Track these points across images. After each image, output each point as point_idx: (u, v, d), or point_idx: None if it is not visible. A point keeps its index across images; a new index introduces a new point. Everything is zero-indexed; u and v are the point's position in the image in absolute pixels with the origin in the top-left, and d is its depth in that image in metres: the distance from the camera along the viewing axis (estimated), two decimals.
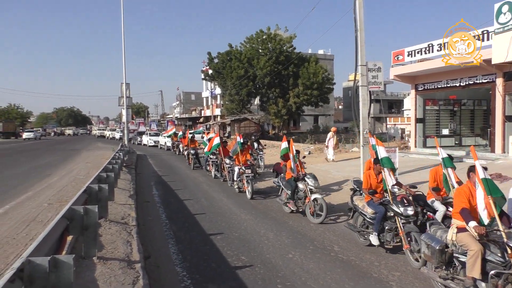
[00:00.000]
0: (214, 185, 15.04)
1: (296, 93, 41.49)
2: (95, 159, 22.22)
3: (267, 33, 42.96)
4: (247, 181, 12.41)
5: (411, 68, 18.94)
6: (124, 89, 29.37)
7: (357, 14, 12.97)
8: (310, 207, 9.36)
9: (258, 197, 12.39)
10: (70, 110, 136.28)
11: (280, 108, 42.14)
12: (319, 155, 23.15)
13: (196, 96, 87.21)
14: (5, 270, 5.21)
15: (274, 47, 41.54)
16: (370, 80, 13.25)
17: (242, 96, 43.13)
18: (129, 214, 8.89)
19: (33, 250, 3.72)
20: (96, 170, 12.89)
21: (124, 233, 7.21)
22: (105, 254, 5.92)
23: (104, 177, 9.30)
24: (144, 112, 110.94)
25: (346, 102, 75.97)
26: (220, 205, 11.31)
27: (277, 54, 40.91)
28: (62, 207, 8.48)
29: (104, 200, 7.52)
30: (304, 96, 40.99)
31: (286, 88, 42.66)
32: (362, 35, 13.02)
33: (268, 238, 8.03)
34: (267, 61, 40.35)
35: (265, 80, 40.86)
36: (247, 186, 12.34)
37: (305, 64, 41.88)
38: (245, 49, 43.88)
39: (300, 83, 41.16)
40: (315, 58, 43.67)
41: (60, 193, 11.40)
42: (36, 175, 16.09)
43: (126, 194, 11.48)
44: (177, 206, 11.21)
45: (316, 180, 9.75)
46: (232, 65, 42.50)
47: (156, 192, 13.62)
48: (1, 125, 65.21)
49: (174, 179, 16.63)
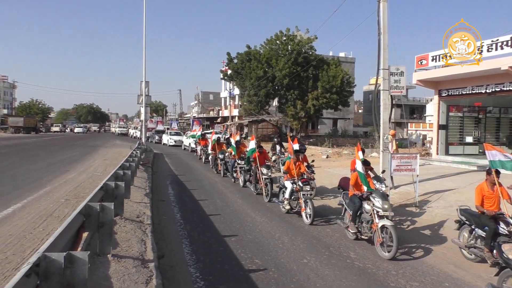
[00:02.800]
0: (230, 186, 15.05)
1: (315, 95, 41.23)
2: (113, 156, 22.51)
3: (287, 34, 42.87)
4: (305, 200, 9.78)
5: (434, 73, 18.61)
6: (143, 87, 29.64)
7: (381, 17, 12.82)
8: (377, 237, 7.49)
9: (318, 220, 9.87)
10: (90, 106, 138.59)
11: (299, 110, 41.94)
12: (337, 159, 22.96)
13: (214, 96, 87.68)
14: (21, 264, 5.31)
15: (293, 49, 41.42)
16: (392, 84, 13.08)
17: (260, 97, 43.08)
18: (144, 213, 8.96)
19: (49, 245, 3.77)
20: (113, 167, 13.05)
21: (138, 232, 7.26)
22: (119, 252, 5.98)
23: (121, 174, 9.40)
24: (162, 111, 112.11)
25: (366, 106, 75.21)
26: (235, 207, 11.31)
27: (296, 55, 40.78)
28: (79, 203, 8.61)
29: (120, 198, 7.60)
30: (323, 99, 40.71)
31: (305, 90, 42.45)
32: (386, 39, 12.86)
33: (283, 242, 7.99)
34: (286, 62, 40.25)
35: (284, 82, 40.74)
36: (304, 207, 9.74)
37: (325, 66, 41.63)
38: (264, 50, 43.88)
39: (320, 85, 40.91)
40: (336, 60, 43.36)
41: (78, 189, 11.57)
42: (54, 170, 16.39)
43: (142, 192, 11.58)
44: (192, 206, 11.26)
45: (386, 199, 7.79)
46: (251, 65, 42.54)
47: (171, 191, 13.72)
48: (22, 120, 66.11)
49: (189, 178, 16.72)
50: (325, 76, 40.45)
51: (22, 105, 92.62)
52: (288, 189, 10.39)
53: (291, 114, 42.46)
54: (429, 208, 10.59)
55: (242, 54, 45.15)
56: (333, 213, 10.48)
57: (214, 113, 76.83)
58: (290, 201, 10.41)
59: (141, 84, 29.88)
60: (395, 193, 12.04)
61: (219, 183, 15.72)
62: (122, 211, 7.92)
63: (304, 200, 9.83)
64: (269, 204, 11.77)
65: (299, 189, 10.01)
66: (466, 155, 19.51)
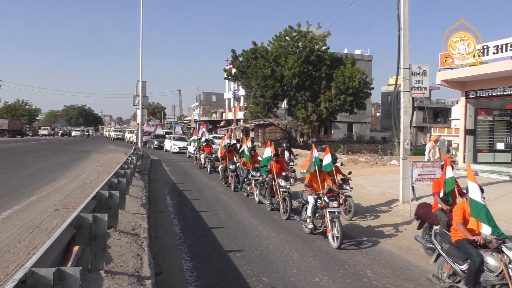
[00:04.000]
0: (234, 196, 15.06)
1: (328, 97, 41.23)
2: (106, 163, 22.63)
3: (297, 30, 42.96)
4: (332, 219, 8.97)
5: (461, 73, 18.51)
6: (140, 87, 29.76)
7: (401, 11, 12.81)
8: None
9: (347, 243, 9.16)
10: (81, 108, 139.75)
11: (310, 113, 41.95)
12: (353, 167, 22.89)
13: (217, 97, 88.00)
14: (5, 281, 5.33)
15: (304, 46, 41.48)
16: (414, 85, 13.04)
17: (267, 99, 43.15)
18: (140, 225, 8.98)
19: (37, 260, 3.78)
20: (107, 174, 13.09)
21: (134, 246, 7.28)
22: (113, 268, 5.99)
23: (115, 182, 9.43)
24: (161, 113, 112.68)
25: (384, 108, 75.03)
26: (240, 219, 11.31)
27: (307, 53, 40.83)
28: (69, 213, 8.65)
29: (114, 208, 7.62)
30: (337, 101, 40.68)
31: (317, 92, 42.47)
32: (406, 35, 12.84)
33: (293, 258, 7.96)
34: (296, 60, 40.30)
35: (294, 82, 40.78)
36: (330, 228, 8.96)
37: (340, 66, 41.63)
38: (272, 47, 44.00)
39: (334, 86, 40.91)
40: (351, 59, 43.36)
41: (68, 199, 11.63)
42: (42, 178, 16.49)
43: (138, 202, 11.62)
44: (193, 218, 11.27)
45: None
46: (258, 64, 42.65)
47: (170, 201, 13.76)
48: (7, 122, 65.83)
49: (190, 187, 16.75)
50: (339, 75, 40.45)
51: (6, 106, 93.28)
52: (310, 205, 9.60)
53: (302, 118, 42.48)
54: None
55: (248, 51, 45.32)
56: (364, 233, 10.31)
57: (217, 116, 77.00)
58: (314, 220, 9.60)
59: (138, 84, 30.03)
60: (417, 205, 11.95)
61: (222, 193, 15.73)
62: (116, 223, 7.93)
63: (331, 220, 8.98)
64: (277, 216, 11.72)
65: (325, 206, 9.23)
66: (496, 163, 19.34)
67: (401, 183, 12.70)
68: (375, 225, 10.88)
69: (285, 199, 11.73)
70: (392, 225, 10.83)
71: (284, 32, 43.80)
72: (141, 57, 30.29)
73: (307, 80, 41.83)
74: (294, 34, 42.88)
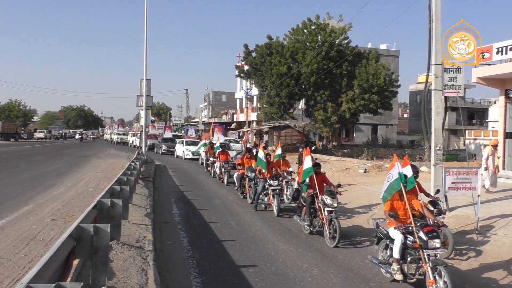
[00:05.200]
0: (247, 205, 15.06)
1: (350, 96, 41.11)
2: (107, 168, 22.82)
3: (316, 22, 42.94)
4: (435, 266, 6.78)
5: (500, 69, 18.30)
6: (143, 86, 29.90)
7: (432, 1, 12.74)
8: None
9: None
10: (80, 109, 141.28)
11: (330, 114, 41.86)
12: (377, 173, 22.75)
13: (228, 97, 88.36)
14: None
15: (324, 40, 41.43)
16: (447, 83, 12.92)
17: (283, 98, 43.17)
18: (145, 237, 9.04)
19: (34, 275, 3.81)
20: (108, 181, 13.20)
21: (138, 259, 7.32)
22: (116, 284, 6.02)
23: (118, 190, 9.50)
24: (166, 114, 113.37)
25: (413, 109, 74.52)
26: (254, 231, 11.31)
27: (327, 48, 40.77)
28: (67, 224, 8.73)
29: (117, 218, 7.67)
30: (361, 100, 40.52)
31: (338, 91, 42.39)
32: (438, 27, 12.75)
33: (312, 275, 7.93)
34: (315, 56, 40.27)
35: (312, 80, 40.75)
36: (433, 279, 6.73)
37: (363, 61, 41.49)
38: (289, 42, 44.04)
39: (356, 84, 40.77)
40: (375, 54, 43.20)
41: (66, 208, 11.74)
42: (38, 185, 16.67)
43: (142, 212, 11.70)
44: (202, 230, 11.30)
45: None
46: (273, 60, 42.73)
47: (177, 211, 13.82)
48: (0, 124, 66.44)
49: (198, 196, 16.82)
50: (363, 72, 40.29)
51: None
52: (397, 244, 7.39)
53: (321, 119, 42.40)
54: (494, 235, 10.35)
55: (261, 46, 45.44)
56: None
57: (227, 118, 77.28)
58: (405, 264, 7.34)
59: (141, 83, 30.14)
60: (451, 217, 11.82)
61: (233, 202, 15.76)
62: (119, 235, 7.99)
63: (432, 266, 6.80)
64: (295, 228, 11.68)
65: (421, 246, 6.98)
66: None
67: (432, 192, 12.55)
68: None
69: (332, 222, 10.13)
70: None
71: (302, 25, 43.83)
72: (145, 52, 30.41)
73: (326, 77, 41.78)
74: (313, 27, 42.88)
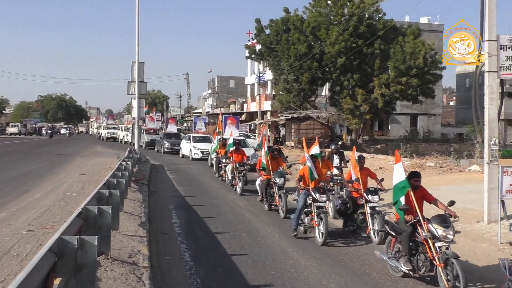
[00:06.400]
0: (260, 213, 15.05)
1: (384, 81, 40.84)
2: (93, 169, 22.91)
3: None
4: None
5: None
6: (135, 71, 29.32)
7: None
8: None
9: None
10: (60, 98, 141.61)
11: (360, 102, 41.60)
12: None
13: (236, 83, 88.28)
14: None
15: (351, 13, 41.22)
16: (503, 64, 12.78)
17: (303, 84, 43.02)
18: (139, 251, 9.04)
19: None
20: (94, 184, 13.24)
21: (132, 278, 7.32)
22: None
23: (106, 195, 9.51)
24: (163, 104, 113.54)
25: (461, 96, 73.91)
26: (269, 243, 11.29)
27: (356, 23, 40.54)
28: (46, 236, 8.76)
29: (105, 229, 7.68)
30: (397, 85, 40.23)
31: (369, 74, 42.13)
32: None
33: None
34: (342, 33, 40.07)
35: (338, 61, 40.56)
36: None
37: (399, 38, 41.20)
38: (309, 16, 43.88)
39: (391, 66, 40.50)
40: (414, 29, 42.85)
41: (45, 216, 11.79)
42: (11, 190, 16.78)
43: (135, 221, 11.72)
44: (207, 242, 11.31)
45: None
46: (290, 38, 42.60)
47: (177, 220, 13.85)
48: None
49: (202, 201, 16.86)
50: (398, 52, 40.01)
51: None
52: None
53: (349, 109, 42.17)
54: None
55: (277, 21, 45.34)
56: None
57: (236, 108, 77.26)
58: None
59: (133, 66, 29.55)
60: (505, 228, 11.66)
61: (244, 208, 15.76)
62: (108, 249, 8.00)
63: None
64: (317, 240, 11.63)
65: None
66: None
67: (486, 195, 12.47)
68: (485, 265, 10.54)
69: (450, 263, 8.04)
70: (475, 253, 10.68)
71: None
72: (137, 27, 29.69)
73: (355, 58, 41.55)
74: None
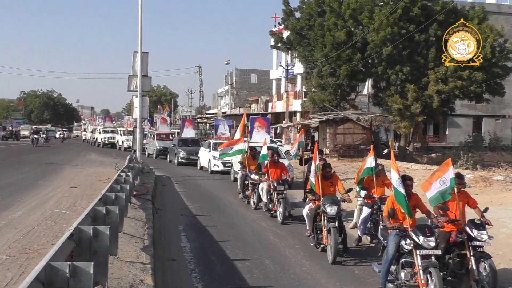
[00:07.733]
0: (287, 235, 15.02)
1: (440, 75, 40.44)
2: (86, 182, 23.05)
3: None
4: None
5: None
6: (138, 63, 28.82)
7: None
8: None
9: None
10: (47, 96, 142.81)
11: (410, 101, 41.27)
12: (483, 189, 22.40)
13: (259, 78, 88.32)
14: None
15: None
16: None
17: (341, 79, 42.88)
18: (141, 281, 9.07)
19: None
20: (88, 200, 13.33)
21: None
22: None
23: (103, 213, 9.56)
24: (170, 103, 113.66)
25: None
26: (299, 273, 11.30)
27: (406, 3, 40.32)
28: (31, 262, 8.86)
29: (102, 254, 7.72)
30: (456, 81, 39.83)
31: (423, 66, 41.79)
32: None
33: None
34: (388, 16, 39.87)
35: (384, 51, 40.34)
36: None
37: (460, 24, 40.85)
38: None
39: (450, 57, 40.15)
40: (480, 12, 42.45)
41: (28, 238, 11.89)
42: None
43: (137, 244, 11.75)
44: (224, 271, 11.32)
45: None
46: (326, 22, 42.51)
47: (187, 243, 13.88)
48: None
49: (217, 221, 16.91)
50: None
51: None
52: None
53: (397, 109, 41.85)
54: None
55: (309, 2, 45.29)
56: None
57: (259, 107, 77.14)
58: None
59: (135, 57, 29.07)
60: None
61: (268, 230, 15.74)
62: (105, 278, 8.03)
63: None
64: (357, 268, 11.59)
65: None
66: None
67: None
68: None
69: None
70: None
71: None
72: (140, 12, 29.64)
73: (405, 47, 41.26)
74: None
